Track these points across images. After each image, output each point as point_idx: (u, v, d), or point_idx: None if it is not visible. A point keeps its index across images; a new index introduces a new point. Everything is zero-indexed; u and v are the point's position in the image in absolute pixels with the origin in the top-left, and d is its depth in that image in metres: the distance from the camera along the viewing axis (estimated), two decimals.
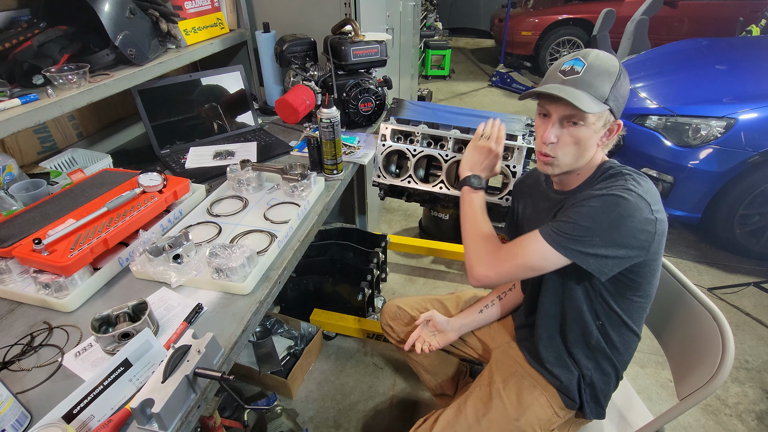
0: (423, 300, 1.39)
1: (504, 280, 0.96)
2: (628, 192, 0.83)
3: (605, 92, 0.86)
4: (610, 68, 0.86)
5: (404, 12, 2.79)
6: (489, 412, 1.06)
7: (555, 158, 0.92)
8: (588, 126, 0.88)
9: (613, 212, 0.82)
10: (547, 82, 0.91)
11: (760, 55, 3.10)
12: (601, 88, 0.86)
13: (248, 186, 1.31)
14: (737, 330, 2.05)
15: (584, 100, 0.84)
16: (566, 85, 0.86)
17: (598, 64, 0.86)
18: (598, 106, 0.85)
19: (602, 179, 0.93)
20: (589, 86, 0.85)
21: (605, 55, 0.88)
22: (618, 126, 0.92)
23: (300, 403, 1.75)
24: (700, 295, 1.02)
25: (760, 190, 2.22)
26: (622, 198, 0.82)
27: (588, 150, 0.91)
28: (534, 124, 1.41)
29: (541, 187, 1.09)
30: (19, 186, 1.18)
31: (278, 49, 1.70)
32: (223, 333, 0.87)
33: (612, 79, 0.86)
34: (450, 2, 7.98)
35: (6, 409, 0.67)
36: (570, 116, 0.88)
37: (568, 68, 0.88)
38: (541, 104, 0.92)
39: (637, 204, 0.82)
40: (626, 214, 0.82)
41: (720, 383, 0.91)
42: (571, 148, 0.90)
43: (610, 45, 4.38)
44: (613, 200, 0.83)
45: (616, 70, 0.87)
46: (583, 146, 0.90)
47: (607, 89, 0.86)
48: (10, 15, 1.23)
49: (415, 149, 1.44)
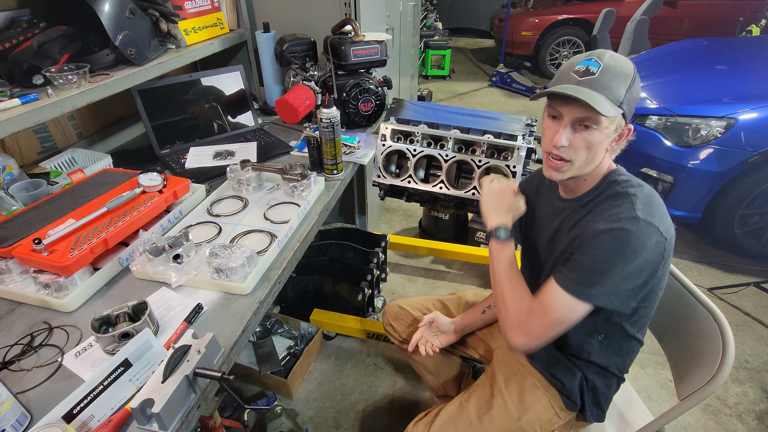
0: (425, 300, 1.39)
1: (542, 342, 0.91)
2: (636, 222, 0.81)
3: (621, 95, 0.82)
4: (626, 69, 0.83)
5: (404, 12, 2.79)
6: (491, 410, 1.06)
7: (565, 163, 0.88)
8: (601, 130, 0.83)
9: (626, 249, 0.81)
10: (559, 83, 0.86)
11: (760, 55, 3.10)
12: (617, 91, 0.82)
13: (248, 186, 1.31)
14: (737, 330, 2.05)
15: (601, 102, 0.80)
16: (581, 86, 0.82)
17: (615, 65, 0.82)
18: (614, 110, 0.81)
19: (607, 197, 0.89)
20: (605, 88, 0.81)
21: (620, 57, 0.84)
22: (629, 131, 0.88)
23: (300, 403, 1.75)
24: (700, 295, 1.02)
25: (760, 190, 2.22)
26: (632, 232, 0.80)
27: (598, 155, 0.87)
28: (533, 124, 1.42)
29: (544, 190, 1.07)
30: (19, 186, 1.18)
31: (278, 49, 1.70)
32: (223, 333, 0.87)
33: (628, 81, 0.83)
34: (450, 2, 7.98)
35: (6, 409, 0.67)
36: (583, 119, 0.83)
37: (583, 68, 0.83)
38: (551, 105, 0.87)
39: (648, 232, 0.81)
40: (639, 247, 0.81)
41: (720, 383, 0.91)
42: (582, 152, 0.86)
43: (610, 45, 4.38)
44: (624, 236, 0.81)
45: (632, 72, 0.83)
46: (594, 151, 0.86)
47: (622, 92, 0.82)
48: (10, 15, 1.23)
49: (415, 149, 1.44)
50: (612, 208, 0.86)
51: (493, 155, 1.41)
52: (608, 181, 0.91)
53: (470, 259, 2.28)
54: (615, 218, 0.83)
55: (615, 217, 0.83)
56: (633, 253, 0.81)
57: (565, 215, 0.97)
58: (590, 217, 0.89)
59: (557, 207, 1.00)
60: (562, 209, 0.98)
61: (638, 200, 0.84)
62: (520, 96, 5.19)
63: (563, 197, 1.00)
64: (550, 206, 1.03)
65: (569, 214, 0.96)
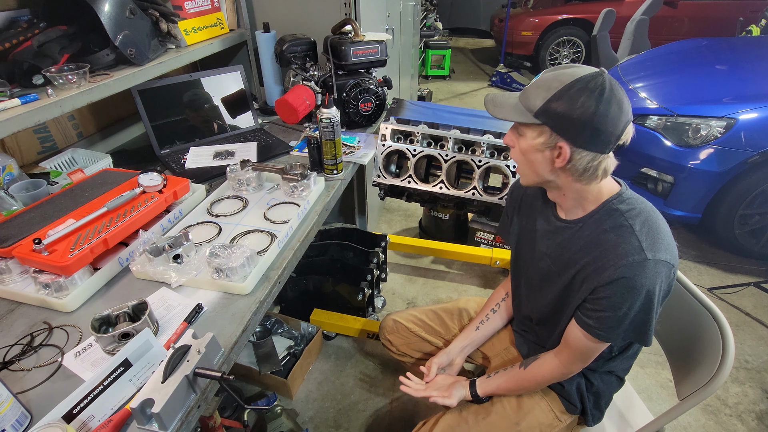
0: (419, 312, 1.36)
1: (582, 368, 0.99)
2: (644, 266, 0.81)
3: (536, 105, 0.81)
4: (553, 83, 0.80)
5: (404, 12, 2.79)
6: (489, 415, 1.06)
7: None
8: (526, 138, 0.86)
9: (640, 294, 0.82)
10: None
11: (760, 55, 3.10)
12: (533, 101, 0.82)
13: (248, 186, 1.31)
14: (737, 330, 2.05)
15: (504, 107, 0.87)
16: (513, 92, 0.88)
17: (546, 77, 0.83)
18: (520, 116, 0.85)
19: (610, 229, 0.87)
20: (524, 96, 0.85)
21: (563, 72, 0.80)
22: (560, 149, 0.82)
23: (300, 403, 1.75)
24: (700, 295, 1.02)
25: (760, 190, 2.22)
26: (645, 276, 0.81)
27: (538, 168, 0.87)
28: None
29: (538, 203, 1.04)
30: (19, 186, 1.18)
31: (278, 49, 1.70)
32: (223, 333, 0.87)
33: (549, 93, 0.80)
34: (450, 2, 7.97)
35: (6, 409, 0.67)
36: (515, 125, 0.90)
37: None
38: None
39: (657, 270, 0.81)
40: (652, 287, 0.82)
41: (720, 383, 0.91)
42: (518, 156, 0.90)
43: (610, 45, 4.38)
44: (637, 283, 0.81)
45: (559, 87, 0.79)
46: (530, 160, 0.88)
47: (538, 103, 0.81)
48: (10, 15, 1.23)
49: (415, 149, 1.44)
50: (617, 247, 0.84)
51: (493, 155, 1.41)
52: (608, 208, 0.89)
53: (470, 259, 2.27)
54: (625, 263, 0.82)
55: (625, 262, 0.82)
56: (648, 294, 0.82)
57: (562, 237, 0.95)
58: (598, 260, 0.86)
59: (554, 225, 0.98)
60: (559, 229, 0.96)
61: (642, 233, 0.83)
62: None
63: (559, 216, 0.97)
64: (547, 223, 1.00)
65: (567, 238, 0.94)
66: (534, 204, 1.06)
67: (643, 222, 0.85)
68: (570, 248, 0.93)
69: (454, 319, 1.33)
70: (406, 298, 2.28)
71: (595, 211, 0.90)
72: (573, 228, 0.93)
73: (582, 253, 0.90)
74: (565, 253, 0.94)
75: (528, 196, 1.09)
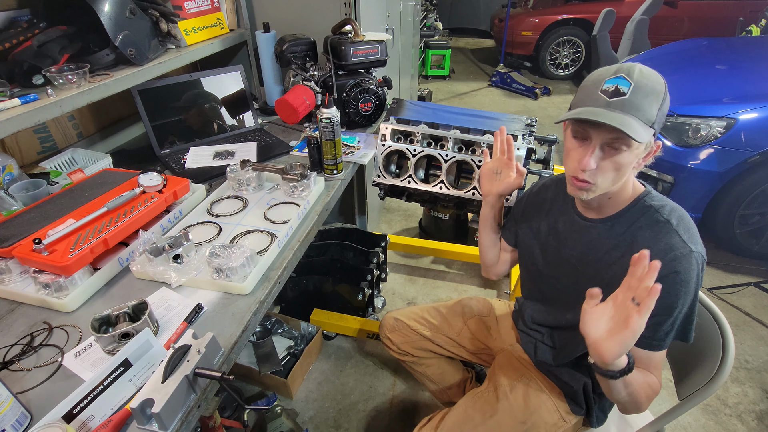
0: (420, 309, 1.37)
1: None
2: (689, 258, 0.81)
3: (653, 115, 0.77)
4: (657, 86, 0.78)
5: (404, 12, 2.79)
6: (496, 414, 1.06)
7: (593, 185, 0.83)
8: (632, 151, 0.79)
9: (691, 286, 0.82)
10: (586, 103, 0.80)
11: (760, 55, 3.10)
12: (650, 112, 0.77)
13: (248, 186, 1.31)
14: (737, 330, 2.05)
15: (634, 126, 0.75)
16: (612, 108, 0.76)
17: (646, 83, 0.77)
18: (647, 133, 0.77)
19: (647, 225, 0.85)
20: (637, 110, 0.76)
21: (650, 72, 0.79)
22: (657, 147, 0.84)
23: (300, 403, 1.75)
24: (700, 295, 1.01)
25: (760, 190, 2.22)
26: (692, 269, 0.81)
27: (626, 175, 0.83)
28: (533, 124, 1.42)
29: (558, 205, 1.02)
30: (19, 186, 1.18)
31: (278, 49, 1.70)
32: (223, 333, 0.87)
33: (660, 99, 0.78)
34: (450, 2, 7.97)
35: (6, 409, 0.67)
36: (613, 141, 0.79)
37: (612, 88, 0.78)
38: (579, 126, 0.82)
39: (697, 261, 0.82)
40: (699, 281, 0.82)
41: (720, 383, 0.91)
42: (610, 173, 0.82)
43: (610, 45, 4.38)
44: (689, 275, 0.81)
45: (663, 88, 0.79)
46: (623, 172, 0.82)
47: (654, 111, 0.77)
48: (10, 15, 1.23)
49: (415, 149, 1.44)
50: (657, 242, 0.83)
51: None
52: (641, 205, 0.88)
53: (470, 259, 2.28)
54: (672, 257, 0.81)
55: (672, 256, 0.81)
56: (696, 287, 0.83)
57: (592, 236, 0.92)
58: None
59: (579, 225, 0.95)
60: (586, 228, 0.94)
61: (681, 228, 0.83)
62: (520, 96, 5.19)
63: (585, 215, 0.95)
64: (570, 223, 0.98)
65: (595, 237, 0.91)
66: (552, 206, 1.04)
67: (679, 217, 0.85)
68: (600, 248, 0.91)
69: (457, 316, 1.33)
70: (406, 298, 2.28)
71: (627, 209, 0.89)
72: (602, 226, 0.91)
73: (615, 252, 0.88)
74: (594, 252, 0.92)
75: (547, 200, 1.06)
